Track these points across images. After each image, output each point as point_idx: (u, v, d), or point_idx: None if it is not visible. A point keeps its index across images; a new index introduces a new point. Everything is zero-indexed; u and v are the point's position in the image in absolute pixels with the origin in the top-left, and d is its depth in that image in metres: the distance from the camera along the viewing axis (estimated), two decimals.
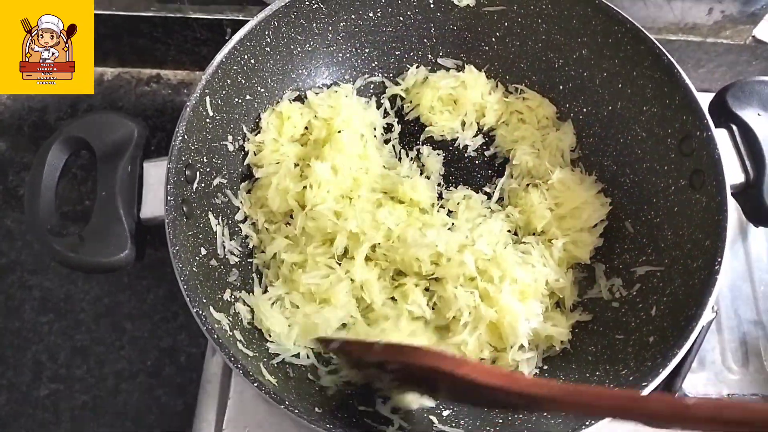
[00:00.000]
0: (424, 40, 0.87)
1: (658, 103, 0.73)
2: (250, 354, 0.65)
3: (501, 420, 0.67)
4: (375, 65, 0.88)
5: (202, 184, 0.71)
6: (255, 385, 0.57)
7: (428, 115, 0.86)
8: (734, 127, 0.71)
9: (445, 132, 0.86)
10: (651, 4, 0.92)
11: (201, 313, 0.59)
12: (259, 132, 0.79)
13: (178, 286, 0.60)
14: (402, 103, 0.88)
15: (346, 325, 0.72)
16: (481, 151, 0.86)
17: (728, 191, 0.65)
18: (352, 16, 0.82)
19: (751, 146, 0.69)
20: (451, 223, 0.78)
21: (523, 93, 0.87)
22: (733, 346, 0.82)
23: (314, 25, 0.80)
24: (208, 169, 0.72)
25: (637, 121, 0.76)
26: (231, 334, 0.65)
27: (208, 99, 0.70)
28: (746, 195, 0.70)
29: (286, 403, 0.56)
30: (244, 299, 0.72)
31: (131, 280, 0.90)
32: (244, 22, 0.74)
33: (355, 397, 0.67)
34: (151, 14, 0.93)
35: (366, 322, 0.72)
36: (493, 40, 0.85)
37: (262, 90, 0.79)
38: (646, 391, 0.59)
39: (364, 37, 0.85)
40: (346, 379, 0.69)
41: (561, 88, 0.84)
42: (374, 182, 0.79)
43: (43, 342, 0.87)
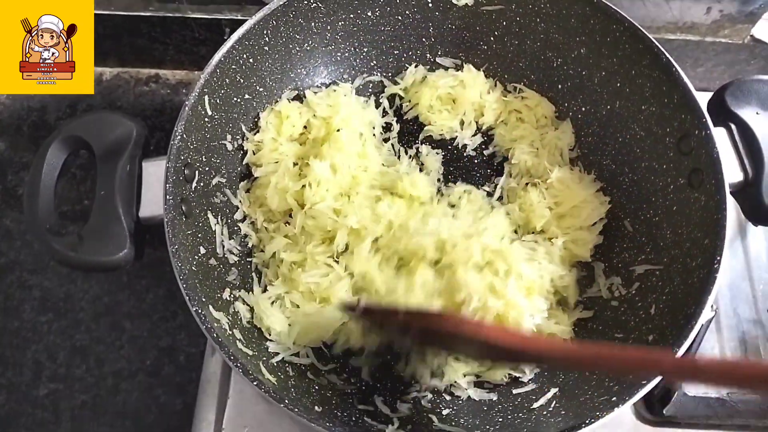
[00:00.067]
0: (423, 40, 0.87)
1: (657, 102, 0.73)
2: (250, 353, 0.65)
3: (501, 419, 0.67)
4: (374, 64, 0.88)
5: (201, 184, 0.71)
6: (254, 383, 0.57)
7: (427, 114, 0.86)
8: (733, 126, 0.71)
9: (443, 131, 0.86)
10: (649, 3, 0.92)
11: (200, 312, 0.59)
12: (258, 131, 0.79)
13: (178, 285, 0.60)
14: (401, 103, 0.88)
15: (347, 324, 0.72)
16: (480, 150, 0.86)
17: (727, 190, 0.65)
18: (351, 16, 0.82)
19: (749, 145, 0.69)
20: (452, 215, 0.77)
21: (522, 92, 0.86)
22: (732, 345, 0.82)
23: (313, 25, 0.80)
24: (207, 169, 0.72)
25: (636, 120, 0.76)
26: (230, 333, 0.65)
27: (206, 98, 0.70)
28: (745, 194, 0.70)
29: (286, 401, 0.56)
30: (244, 298, 0.72)
31: (130, 279, 0.90)
32: (243, 21, 0.73)
33: (355, 396, 0.68)
34: (149, 14, 0.93)
35: None
36: (492, 39, 0.85)
37: (261, 89, 0.79)
38: (646, 389, 0.59)
39: (363, 36, 0.85)
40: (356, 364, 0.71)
41: (560, 87, 0.84)
42: (373, 179, 0.79)
43: (43, 341, 0.87)
